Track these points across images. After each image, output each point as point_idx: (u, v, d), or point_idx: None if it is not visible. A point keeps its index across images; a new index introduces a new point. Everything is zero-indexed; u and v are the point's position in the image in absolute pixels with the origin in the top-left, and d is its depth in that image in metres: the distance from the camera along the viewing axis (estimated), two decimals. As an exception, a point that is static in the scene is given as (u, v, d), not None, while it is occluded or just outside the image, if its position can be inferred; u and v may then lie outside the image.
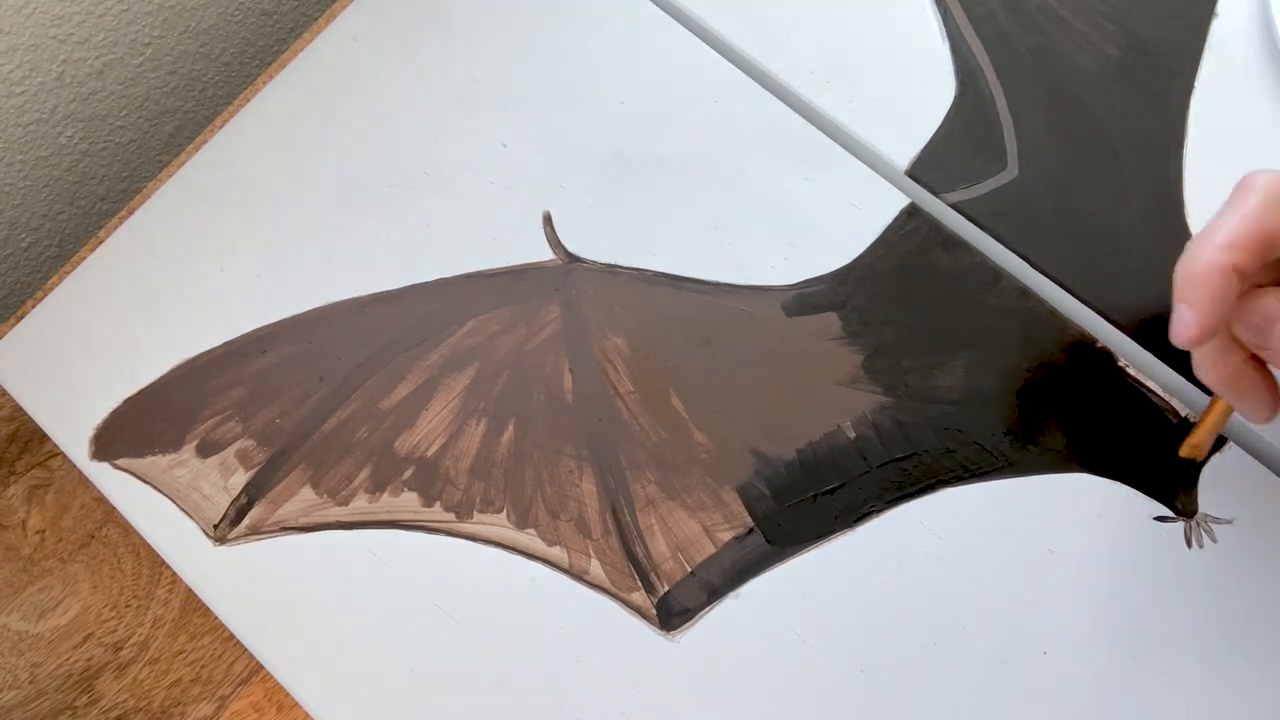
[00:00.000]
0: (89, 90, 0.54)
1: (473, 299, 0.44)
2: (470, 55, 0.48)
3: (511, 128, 0.46)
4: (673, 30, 0.47)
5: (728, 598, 0.39)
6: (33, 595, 0.45)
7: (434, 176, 0.46)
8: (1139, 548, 0.38)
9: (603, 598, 0.39)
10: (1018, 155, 0.43)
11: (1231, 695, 0.36)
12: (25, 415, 0.46)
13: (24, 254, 0.57)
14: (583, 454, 0.41)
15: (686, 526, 0.40)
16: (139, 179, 0.60)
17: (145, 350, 0.45)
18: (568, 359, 0.42)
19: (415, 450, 0.42)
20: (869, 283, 0.42)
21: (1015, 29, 0.44)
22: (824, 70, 0.45)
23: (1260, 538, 0.37)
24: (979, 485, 0.39)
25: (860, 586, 0.38)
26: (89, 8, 0.51)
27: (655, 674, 0.38)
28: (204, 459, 0.43)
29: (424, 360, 0.43)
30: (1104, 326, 0.40)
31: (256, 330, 0.45)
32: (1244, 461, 0.38)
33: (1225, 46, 0.43)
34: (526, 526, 0.41)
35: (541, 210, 0.45)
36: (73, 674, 0.44)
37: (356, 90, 0.48)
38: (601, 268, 0.44)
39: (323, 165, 0.47)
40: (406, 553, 0.41)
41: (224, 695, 0.43)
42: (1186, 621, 0.37)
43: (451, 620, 0.40)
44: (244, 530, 0.42)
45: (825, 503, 0.39)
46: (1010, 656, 0.37)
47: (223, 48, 0.59)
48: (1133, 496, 0.38)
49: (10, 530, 0.46)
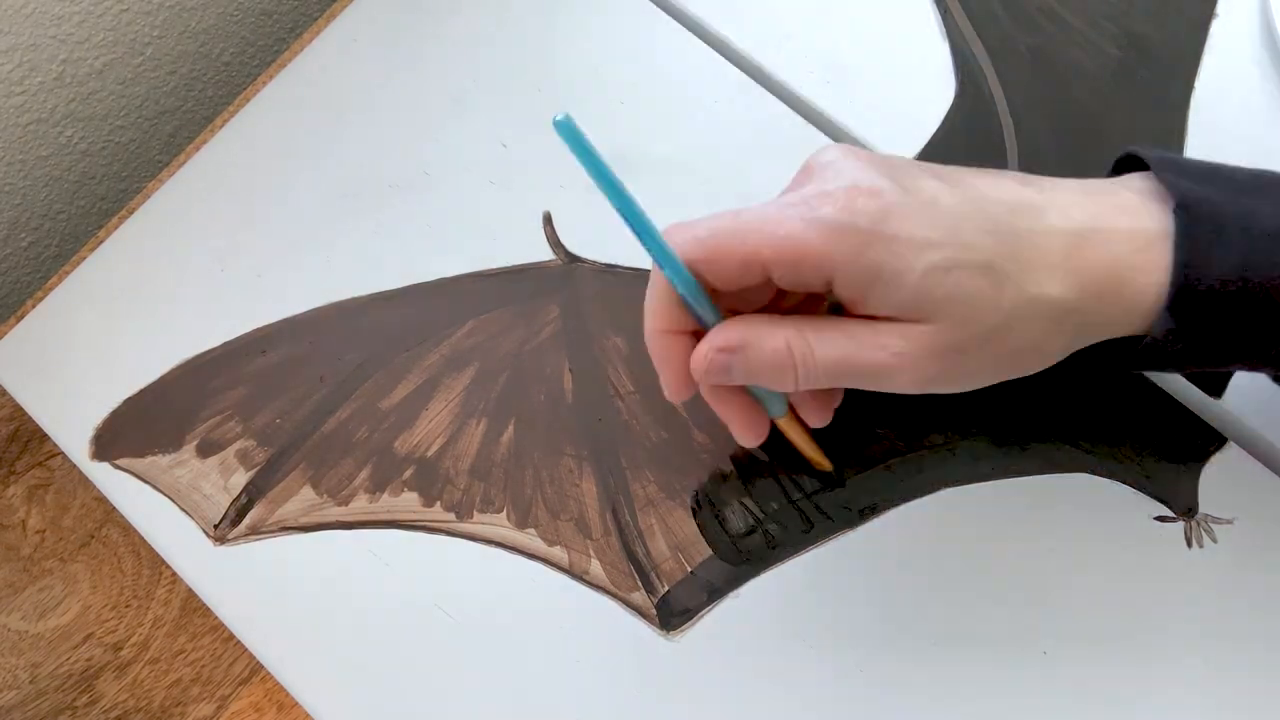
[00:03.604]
0: (89, 90, 0.54)
1: (473, 299, 0.44)
2: (470, 55, 0.48)
3: (511, 128, 0.46)
4: (673, 30, 0.47)
5: (728, 598, 0.39)
6: (33, 595, 0.45)
7: (434, 176, 0.46)
8: (1139, 548, 0.38)
9: (603, 598, 0.39)
10: (1018, 155, 0.43)
11: (1232, 695, 0.36)
12: (25, 415, 0.46)
13: (24, 254, 0.57)
14: (583, 454, 0.41)
15: (686, 526, 0.40)
16: (139, 179, 0.60)
17: (145, 350, 0.45)
18: (568, 359, 0.42)
19: (415, 450, 0.42)
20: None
21: (1015, 29, 0.44)
22: (824, 70, 0.45)
23: (1260, 538, 0.37)
24: (979, 485, 0.39)
25: (860, 586, 0.38)
26: (89, 8, 0.51)
27: (655, 674, 0.38)
28: (204, 459, 0.43)
29: (424, 360, 0.43)
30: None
31: (256, 330, 0.45)
32: (1244, 461, 0.38)
33: (1225, 46, 0.43)
34: (526, 526, 0.41)
35: (541, 210, 0.45)
36: (73, 674, 0.44)
37: (356, 90, 0.48)
38: (601, 268, 0.44)
39: (323, 165, 0.47)
40: (406, 553, 0.41)
41: (224, 695, 0.43)
42: (1186, 621, 0.37)
43: (451, 620, 0.40)
44: (244, 530, 0.42)
45: (825, 502, 0.39)
46: (1010, 656, 0.37)
47: (223, 48, 0.59)
48: (1133, 496, 0.38)
49: (10, 530, 0.46)
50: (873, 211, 0.29)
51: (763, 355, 0.31)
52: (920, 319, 0.29)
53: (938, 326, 0.29)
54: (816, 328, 0.30)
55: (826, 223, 0.29)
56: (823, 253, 0.29)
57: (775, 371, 0.31)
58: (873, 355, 0.30)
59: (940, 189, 0.30)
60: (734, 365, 0.31)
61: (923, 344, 0.29)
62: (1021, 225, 0.30)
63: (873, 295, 0.29)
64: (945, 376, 0.30)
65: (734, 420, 0.34)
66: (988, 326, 0.29)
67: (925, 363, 0.29)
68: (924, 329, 0.29)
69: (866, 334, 0.30)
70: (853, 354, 0.30)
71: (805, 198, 0.30)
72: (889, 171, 0.30)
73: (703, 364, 0.31)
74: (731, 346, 0.31)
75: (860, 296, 0.30)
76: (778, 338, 0.30)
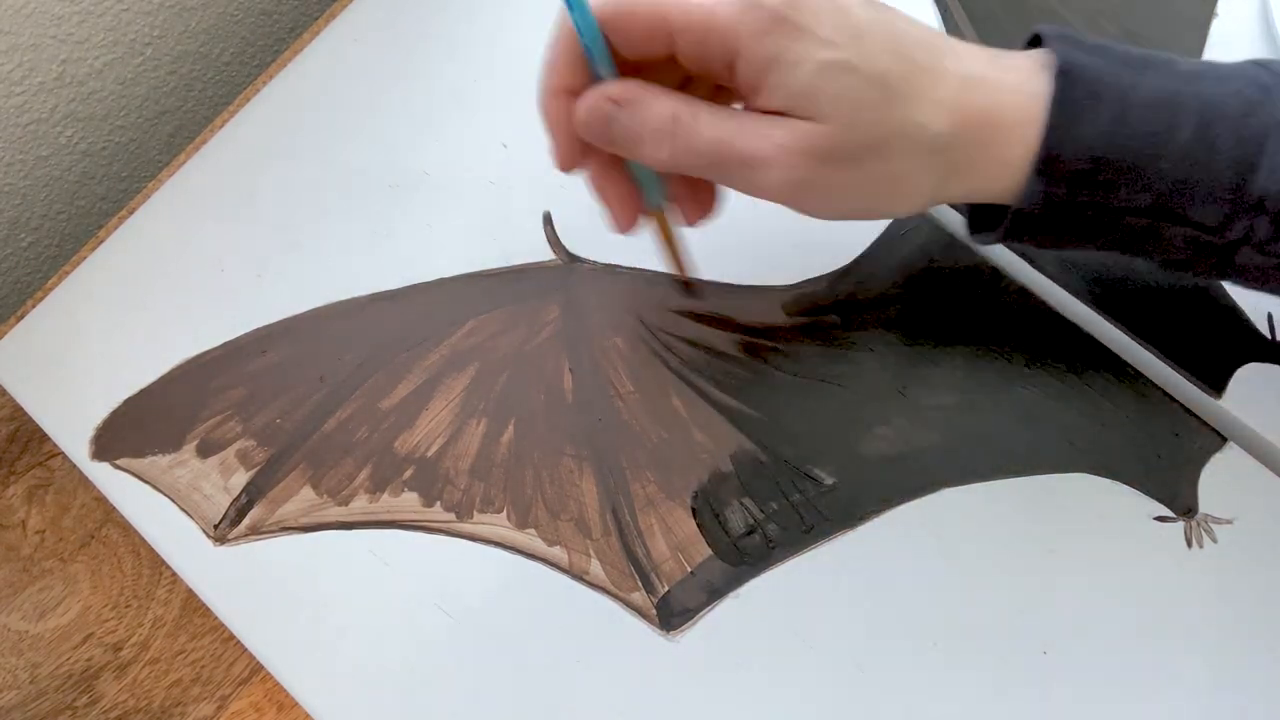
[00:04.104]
0: (89, 90, 0.54)
1: (473, 299, 0.44)
2: (470, 55, 0.48)
3: (511, 128, 0.46)
4: (673, 30, 0.47)
5: (728, 598, 0.39)
6: (33, 595, 0.45)
7: (434, 176, 0.46)
8: (1139, 548, 0.38)
9: (603, 598, 0.39)
10: (1018, 155, 0.43)
11: (1232, 695, 0.36)
12: (25, 415, 0.46)
13: (24, 254, 0.57)
14: (583, 454, 0.41)
15: (686, 526, 0.40)
16: (139, 179, 0.60)
17: (145, 350, 0.45)
18: (568, 359, 0.42)
19: (415, 450, 0.42)
20: (869, 283, 0.42)
21: (1015, 29, 0.44)
22: (824, 70, 0.45)
23: (1260, 538, 0.37)
24: (979, 485, 0.39)
25: (860, 586, 0.38)
26: (89, 8, 0.51)
27: (655, 674, 0.38)
28: (204, 459, 0.43)
29: (424, 360, 0.43)
30: (1104, 325, 0.40)
31: (256, 330, 0.45)
32: (1244, 461, 0.38)
33: (1225, 46, 0.43)
34: (526, 526, 0.41)
35: (541, 210, 0.45)
36: (73, 674, 0.44)
37: (356, 90, 0.48)
38: (601, 268, 0.44)
39: (322, 165, 0.47)
40: (406, 553, 0.41)
41: (224, 695, 0.43)
42: (1186, 621, 0.37)
43: (451, 620, 0.40)
44: (244, 530, 0.42)
45: (825, 502, 0.39)
46: (1010, 656, 0.37)
47: (222, 48, 0.59)
48: (1133, 496, 0.38)
49: (10, 530, 0.46)
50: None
51: (648, 115, 0.31)
52: (809, 117, 0.29)
53: (823, 127, 0.29)
54: (707, 107, 0.31)
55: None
56: (728, 26, 0.29)
57: (654, 136, 0.31)
58: (752, 142, 0.30)
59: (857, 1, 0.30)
60: (617, 119, 0.31)
61: (804, 140, 0.29)
62: (921, 57, 0.30)
63: (769, 83, 0.29)
64: (814, 185, 0.30)
65: (610, 201, 0.35)
66: (871, 138, 0.30)
67: (801, 161, 0.30)
68: (809, 126, 0.29)
69: (751, 121, 0.30)
70: (733, 135, 0.30)
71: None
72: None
73: (586, 112, 0.31)
74: (618, 98, 0.31)
75: (757, 83, 0.30)
76: (665, 103, 0.31)
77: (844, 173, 0.30)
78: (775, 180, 0.30)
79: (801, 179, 0.30)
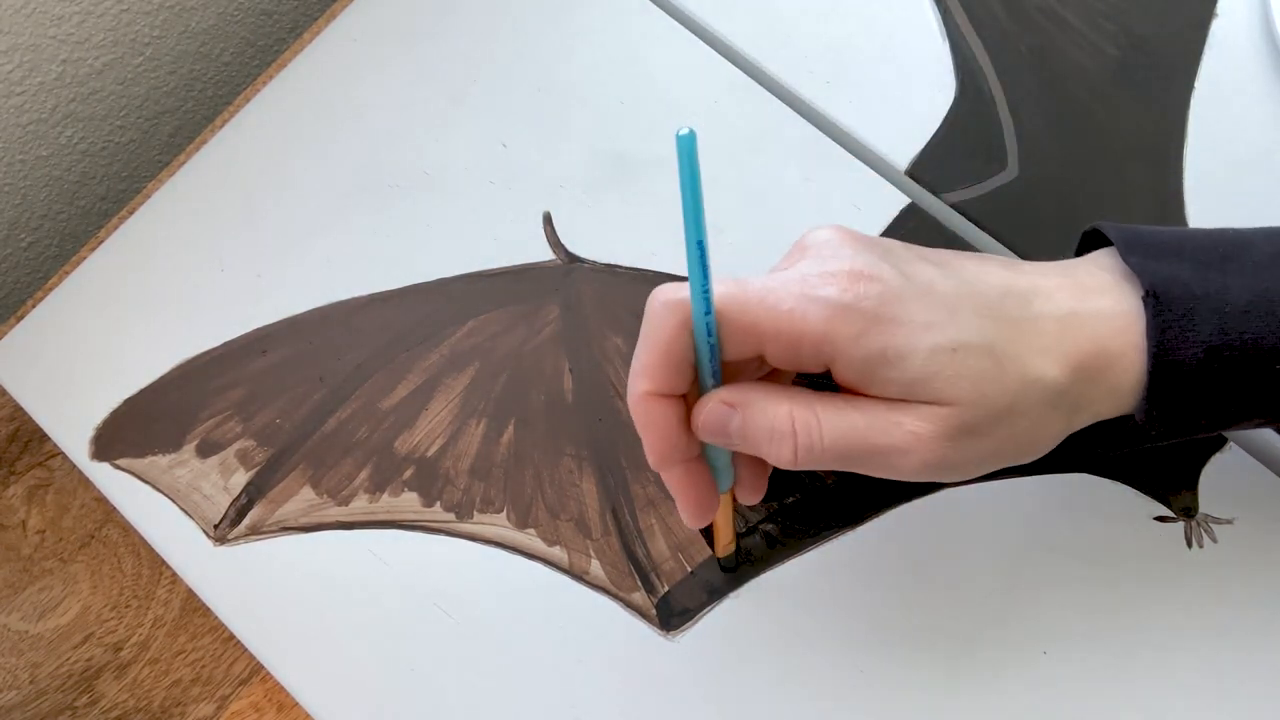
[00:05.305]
0: (89, 90, 0.54)
1: (473, 299, 0.44)
2: (470, 55, 0.48)
3: (511, 128, 0.46)
4: (673, 30, 0.47)
5: (728, 598, 0.39)
6: (33, 595, 0.45)
7: (434, 176, 0.46)
8: (1139, 548, 0.38)
9: (603, 598, 0.39)
10: (1018, 155, 0.43)
11: (1232, 695, 0.36)
12: (25, 415, 0.46)
13: (24, 254, 0.57)
14: (583, 454, 0.41)
15: (686, 526, 0.40)
16: (139, 179, 0.60)
17: (145, 350, 0.45)
18: (568, 359, 0.42)
19: (415, 450, 0.42)
20: (869, 283, 0.42)
21: (1015, 29, 0.44)
22: (824, 70, 0.45)
23: (1260, 538, 0.37)
24: (979, 485, 0.39)
25: (860, 586, 0.38)
26: (89, 8, 0.51)
27: (655, 674, 0.38)
28: (204, 459, 0.43)
29: (424, 360, 0.43)
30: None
31: (256, 330, 0.45)
32: (1244, 461, 0.38)
33: (1225, 46, 0.43)
34: (526, 526, 0.41)
35: (541, 210, 0.45)
36: (73, 674, 0.44)
37: (356, 90, 0.48)
38: (601, 268, 0.44)
39: (322, 165, 0.47)
40: (406, 553, 0.41)
41: (224, 695, 0.43)
42: (1186, 621, 0.37)
43: (451, 620, 0.40)
44: (244, 530, 0.42)
45: (825, 502, 0.39)
46: (1010, 656, 0.37)
47: (223, 48, 0.59)
48: (1133, 496, 0.38)
49: (10, 530, 0.46)
50: (875, 295, 0.29)
51: (764, 417, 0.30)
52: (930, 400, 0.29)
53: (950, 409, 0.29)
54: (823, 401, 0.30)
55: (829, 303, 0.29)
56: (824, 333, 0.29)
57: (776, 438, 0.30)
58: (885, 434, 0.29)
59: (935, 274, 0.30)
60: (734, 422, 0.31)
61: (937, 425, 0.29)
62: (1014, 309, 0.30)
63: (878, 377, 0.29)
64: (951, 461, 0.30)
65: (688, 496, 0.33)
66: (998, 407, 0.29)
67: (938, 444, 0.29)
68: (936, 410, 0.29)
69: (876, 412, 0.30)
70: (862, 430, 0.30)
71: (805, 276, 0.30)
72: (886, 256, 0.30)
73: (705, 417, 0.31)
74: (733, 403, 0.31)
75: (864, 379, 0.29)
76: (781, 405, 0.30)
77: (980, 442, 0.30)
78: (915, 464, 0.30)
79: (937, 459, 0.30)
